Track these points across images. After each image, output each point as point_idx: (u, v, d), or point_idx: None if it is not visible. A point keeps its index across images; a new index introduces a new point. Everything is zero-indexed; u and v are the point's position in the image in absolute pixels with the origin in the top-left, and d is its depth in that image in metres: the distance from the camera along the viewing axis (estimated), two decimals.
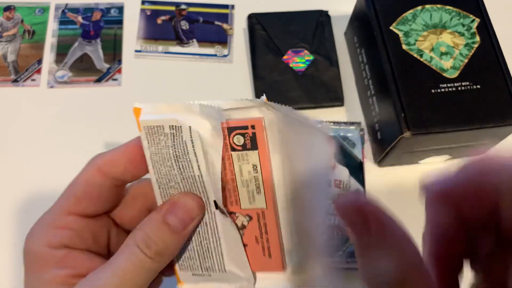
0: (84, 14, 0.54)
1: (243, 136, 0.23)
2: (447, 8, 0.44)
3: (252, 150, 0.23)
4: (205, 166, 0.23)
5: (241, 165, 0.23)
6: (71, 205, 0.25)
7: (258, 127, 0.22)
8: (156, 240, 0.24)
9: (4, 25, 0.53)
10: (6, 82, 0.50)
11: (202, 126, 0.23)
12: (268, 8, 0.54)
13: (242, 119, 0.22)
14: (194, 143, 0.23)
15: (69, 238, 0.24)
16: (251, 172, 0.23)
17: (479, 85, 0.41)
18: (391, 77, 0.41)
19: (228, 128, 0.23)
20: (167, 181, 0.24)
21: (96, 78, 0.51)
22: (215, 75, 0.51)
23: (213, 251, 0.26)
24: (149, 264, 0.24)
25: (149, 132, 0.23)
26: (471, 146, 0.44)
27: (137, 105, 0.23)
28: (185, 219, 0.24)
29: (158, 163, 0.24)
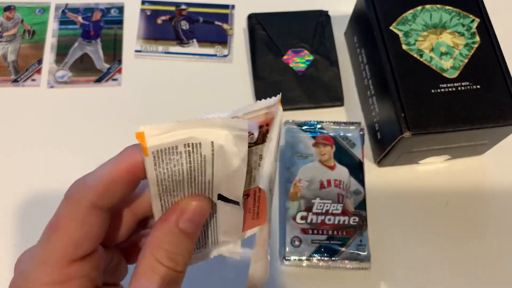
0: (84, 14, 0.54)
1: (258, 134, 0.23)
2: (447, 8, 0.44)
3: (262, 143, 0.24)
4: (221, 172, 0.23)
5: (250, 158, 0.24)
6: (71, 252, 0.22)
7: (271, 124, 0.23)
8: (180, 253, 0.23)
9: (4, 25, 0.53)
10: (6, 82, 0.50)
11: (224, 138, 0.22)
12: (268, 8, 0.54)
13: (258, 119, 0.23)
14: (215, 156, 0.22)
15: (79, 287, 0.22)
16: (257, 161, 0.24)
17: (479, 85, 0.41)
18: (391, 77, 0.41)
19: None
20: (171, 192, 0.24)
21: (96, 78, 0.51)
22: (215, 75, 0.51)
23: (210, 233, 0.27)
24: (181, 278, 0.23)
25: (158, 155, 0.22)
26: (471, 146, 0.44)
27: (139, 129, 0.21)
28: (198, 221, 0.24)
29: (166, 180, 0.23)
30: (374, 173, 0.47)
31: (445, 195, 0.47)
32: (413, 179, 0.47)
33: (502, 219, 0.46)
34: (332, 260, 0.41)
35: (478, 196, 0.47)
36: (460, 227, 0.45)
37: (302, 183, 0.44)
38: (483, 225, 0.46)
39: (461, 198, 0.46)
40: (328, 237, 0.42)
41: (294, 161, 0.45)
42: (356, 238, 0.42)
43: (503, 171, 0.48)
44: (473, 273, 0.44)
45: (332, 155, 0.45)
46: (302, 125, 0.47)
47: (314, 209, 0.43)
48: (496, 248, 0.45)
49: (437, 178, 0.47)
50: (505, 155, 0.48)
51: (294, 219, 0.43)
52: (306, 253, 0.41)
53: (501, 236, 0.45)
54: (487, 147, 0.46)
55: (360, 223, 0.43)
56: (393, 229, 0.45)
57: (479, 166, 0.48)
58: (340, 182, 0.44)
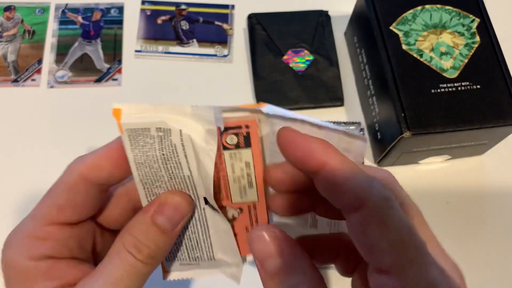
0: (84, 14, 0.54)
1: (237, 136, 0.22)
2: (447, 8, 0.44)
3: (246, 148, 0.23)
4: (196, 168, 0.23)
5: (233, 163, 0.23)
6: (54, 214, 0.24)
7: (253, 126, 0.22)
8: (147, 243, 0.23)
9: (4, 25, 0.53)
10: (6, 82, 0.50)
11: (194, 130, 0.22)
12: (268, 8, 0.54)
13: (235, 118, 0.22)
14: (185, 146, 0.22)
15: (53, 249, 0.23)
16: (244, 169, 0.23)
17: (479, 85, 0.41)
18: (391, 77, 0.41)
19: (224, 128, 0.22)
20: (153, 181, 0.24)
21: (96, 78, 0.51)
22: (215, 75, 0.51)
23: (202, 243, 0.26)
24: (142, 268, 0.23)
25: (133, 134, 0.22)
26: (471, 146, 0.44)
27: (116, 106, 0.22)
28: (174, 218, 0.24)
29: (143, 165, 0.23)
30: None
31: (445, 195, 0.47)
32: (413, 179, 0.47)
33: (502, 218, 0.46)
34: None
35: (478, 196, 0.47)
36: (460, 227, 0.45)
37: None
38: (483, 224, 0.46)
39: (461, 198, 0.46)
40: None
41: None
42: None
43: (503, 171, 0.48)
44: (473, 273, 0.44)
45: None
46: None
47: None
48: (496, 248, 0.45)
49: (437, 178, 0.47)
50: (505, 155, 0.48)
51: None
52: None
53: (501, 235, 0.45)
54: (487, 147, 0.46)
55: None
56: None
57: (479, 166, 0.48)
58: None
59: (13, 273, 0.23)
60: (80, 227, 0.25)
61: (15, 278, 0.23)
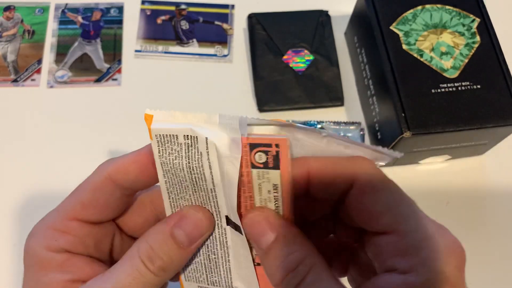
0: (84, 14, 0.54)
1: (266, 154, 0.21)
2: (447, 8, 0.44)
3: (274, 169, 0.22)
4: (220, 180, 0.22)
5: (260, 183, 0.22)
6: (77, 210, 0.24)
7: (283, 146, 0.21)
8: (160, 255, 0.23)
9: (4, 25, 0.53)
10: (6, 82, 0.50)
11: (219, 138, 0.21)
12: (268, 8, 0.54)
13: (265, 136, 0.21)
14: (210, 155, 0.22)
15: (70, 244, 0.24)
16: (271, 191, 0.22)
17: (479, 85, 0.41)
18: (391, 77, 0.41)
19: (250, 144, 0.21)
20: (178, 192, 0.23)
21: (96, 78, 0.51)
22: (215, 75, 0.51)
23: (221, 266, 0.25)
24: (151, 279, 0.23)
25: (161, 140, 0.22)
26: (471, 146, 0.44)
27: (148, 112, 0.22)
28: (193, 234, 0.23)
29: (170, 172, 0.23)
30: None
31: (445, 195, 0.46)
32: (413, 179, 0.47)
33: (502, 218, 0.46)
34: None
35: (478, 196, 0.47)
36: (460, 227, 0.45)
37: None
38: (483, 224, 0.46)
39: (461, 198, 0.46)
40: None
41: None
42: None
43: (503, 171, 0.48)
44: (473, 272, 0.44)
45: None
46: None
47: None
48: (496, 248, 0.45)
49: (437, 178, 0.47)
50: (505, 155, 0.48)
51: None
52: None
53: (501, 235, 0.45)
54: (487, 147, 0.46)
55: None
56: None
57: (479, 166, 0.48)
58: None
59: (30, 261, 0.24)
60: (101, 227, 0.25)
61: (32, 266, 0.24)
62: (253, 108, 0.50)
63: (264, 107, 0.49)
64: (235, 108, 0.50)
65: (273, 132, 0.22)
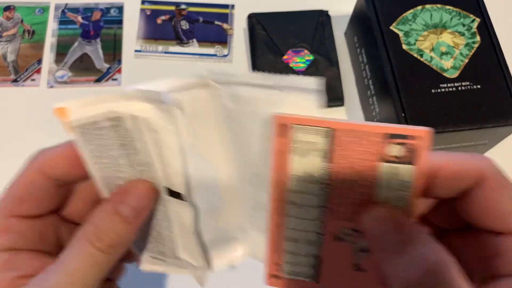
0: (84, 14, 0.54)
1: (403, 147, 0.19)
2: (447, 8, 0.44)
3: (407, 164, 0.20)
4: (156, 152, 0.22)
5: (388, 178, 0.20)
6: (13, 207, 0.24)
7: (425, 139, 0.19)
8: (107, 232, 0.22)
9: (4, 25, 0.53)
10: (6, 82, 0.50)
11: (146, 111, 0.21)
12: (268, 8, 0.54)
13: (403, 127, 0.19)
14: (141, 130, 0.21)
15: (12, 241, 0.23)
16: (398, 189, 0.20)
17: (479, 85, 0.41)
18: (391, 77, 0.41)
19: (388, 134, 0.19)
20: (113, 173, 0.23)
21: (96, 78, 0.51)
22: None
23: (166, 237, 0.25)
24: (102, 258, 0.22)
25: (85, 131, 0.22)
26: (471, 146, 0.44)
27: (59, 105, 0.21)
28: (137, 207, 0.23)
29: (101, 158, 0.22)
30: None
31: None
32: None
33: None
34: None
35: None
36: None
37: None
38: None
39: None
40: None
41: None
42: None
43: (503, 171, 0.48)
44: None
45: None
46: None
47: None
48: None
49: None
50: (505, 155, 0.48)
51: None
52: None
53: None
54: (488, 147, 0.46)
55: None
56: None
57: None
58: None
59: None
60: (42, 220, 0.25)
61: None
62: None
63: None
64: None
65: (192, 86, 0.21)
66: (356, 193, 0.21)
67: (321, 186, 0.21)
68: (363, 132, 0.19)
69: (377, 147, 0.19)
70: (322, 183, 0.21)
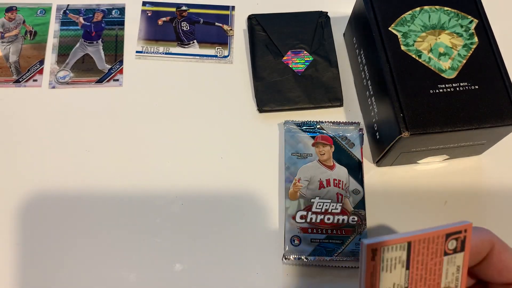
0: (86, 15, 0.54)
1: (456, 240, 0.24)
2: (445, 9, 0.44)
3: (460, 252, 0.25)
4: None
5: (448, 268, 0.25)
6: None
7: (469, 230, 0.24)
8: None
9: (6, 26, 0.53)
10: (8, 83, 0.50)
11: None
12: (268, 9, 0.54)
13: (456, 224, 0.24)
14: None
15: None
16: (454, 273, 0.25)
17: (477, 86, 0.41)
18: (390, 77, 0.41)
19: (447, 234, 0.24)
20: None
21: (98, 78, 0.51)
22: (215, 76, 0.52)
23: None
24: None
25: None
26: (469, 146, 0.44)
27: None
28: None
29: None
30: (373, 172, 0.47)
31: (443, 194, 0.47)
32: (411, 179, 0.47)
33: (500, 218, 0.46)
34: (331, 259, 0.42)
35: (476, 196, 0.47)
36: None
37: (301, 183, 0.44)
38: (481, 224, 0.46)
39: (459, 198, 0.47)
40: (327, 236, 0.42)
41: (293, 161, 0.45)
42: (355, 237, 0.42)
43: (501, 171, 0.48)
44: None
45: (331, 154, 0.46)
46: (302, 125, 0.47)
47: (314, 208, 0.43)
48: None
49: (436, 178, 0.47)
50: (503, 155, 0.48)
51: (294, 218, 0.43)
52: (306, 252, 0.42)
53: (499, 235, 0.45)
54: (485, 147, 0.46)
55: (359, 222, 0.43)
56: (392, 228, 0.45)
57: (477, 166, 0.48)
58: (339, 181, 0.44)
59: None
60: None
61: None
62: (253, 109, 0.50)
63: (264, 108, 0.49)
64: (235, 109, 0.50)
65: None
66: (428, 286, 0.25)
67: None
68: (432, 238, 0.24)
69: (441, 246, 0.24)
70: (405, 287, 0.25)
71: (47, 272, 0.43)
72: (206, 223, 0.45)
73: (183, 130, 0.49)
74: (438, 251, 0.24)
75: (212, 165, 0.47)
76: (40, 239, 0.44)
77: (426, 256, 0.24)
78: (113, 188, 0.46)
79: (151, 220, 0.45)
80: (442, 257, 0.25)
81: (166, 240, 0.44)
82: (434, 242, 0.24)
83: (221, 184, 0.46)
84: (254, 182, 0.46)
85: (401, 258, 0.24)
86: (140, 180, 0.46)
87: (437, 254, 0.24)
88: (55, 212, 0.45)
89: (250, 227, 0.45)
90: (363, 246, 0.24)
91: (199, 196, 0.46)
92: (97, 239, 0.44)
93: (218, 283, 0.43)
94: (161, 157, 0.47)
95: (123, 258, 0.43)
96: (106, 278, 0.42)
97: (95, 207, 0.45)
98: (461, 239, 0.24)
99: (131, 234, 0.44)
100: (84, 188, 0.46)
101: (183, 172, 0.47)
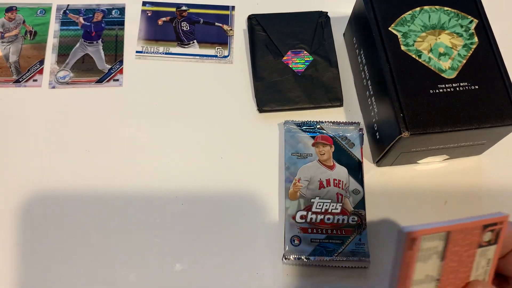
0: (86, 15, 0.54)
1: (492, 232, 0.24)
2: (445, 9, 0.44)
3: (494, 244, 0.24)
4: None
5: (479, 261, 0.24)
6: None
7: (505, 223, 0.24)
8: None
9: (6, 26, 0.53)
10: (8, 83, 0.50)
11: None
12: (268, 9, 0.54)
13: (492, 215, 0.24)
14: None
15: None
16: (484, 266, 0.25)
17: (477, 86, 0.41)
18: (390, 77, 0.41)
19: (484, 225, 0.24)
20: None
21: (98, 78, 0.51)
22: (215, 76, 0.52)
23: None
24: None
25: None
26: (469, 146, 0.44)
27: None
28: None
29: None
30: (373, 172, 0.47)
31: (443, 194, 0.47)
32: (411, 179, 0.47)
33: None
34: (331, 259, 0.42)
35: (476, 196, 0.47)
36: None
37: (301, 183, 0.44)
38: None
39: (459, 198, 0.47)
40: (327, 236, 0.42)
41: (293, 161, 0.45)
42: (355, 237, 0.42)
43: (500, 171, 0.48)
44: None
45: (331, 154, 0.46)
46: (302, 125, 0.47)
47: (314, 208, 0.43)
48: None
49: (436, 178, 0.47)
50: (503, 155, 0.48)
51: (294, 218, 0.43)
52: (306, 252, 0.42)
53: None
54: (485, 147, 0.46)
55: (359, 222, 0.43)
56: (392, 228, 0.45)
57: (477, 166, 0.48)
58: (339, 181, 0.44)
59: None
60: None
61: None
62: (253, 109, 0.50)
63: (264, 108, 0.49)
64: (235, 109, 0.50)
65: None
66: (458, 279, 0.25)
67: (435, 282, 0.25)
68: (470, 228, 0.23)
69: (477, 238, 0.24)
70: (436, 279, 0.25)
71: (47, 272, 0.43)
72: (206, 223, 0.45)
73: (183, 130, 0.49)
74: (473, 243, 0.24)
75: (212, 165, 0.47)
76: (40, 239, 0.44)
77: (461, 247, 0.24)
78: (113, 188, 0.46)
79: (151, 220, 0.45)
80: (476, 249, 0.24)
81: (166, 240, 0.44)
82: (471, 233, 0.24)
83: (221, 184, 0.46)
84: (254, 182, 0.46)
85: (437, 249, 0.24)
86: (140, 180, 0.46)
87: (472, 246, 0.24)
88: (55, 212, 0.45)
89: (250, 227, 0.45)
90: (402, 234, 0.23)
91: (199, 196, 0.46)
92: (97, 239, 0.44)
93: (218, 283, 0.43)
94: (161, 157, 0.47)
95: (123, 258, 0.43)
96: (106, 278, 0.42)
97: (95, 207, 0.45)
98: (497, 231, 0.24)
99: (131, 234, 0.44)
100: (84, 188, 0.46)
101: (183, 172, 0.47)
